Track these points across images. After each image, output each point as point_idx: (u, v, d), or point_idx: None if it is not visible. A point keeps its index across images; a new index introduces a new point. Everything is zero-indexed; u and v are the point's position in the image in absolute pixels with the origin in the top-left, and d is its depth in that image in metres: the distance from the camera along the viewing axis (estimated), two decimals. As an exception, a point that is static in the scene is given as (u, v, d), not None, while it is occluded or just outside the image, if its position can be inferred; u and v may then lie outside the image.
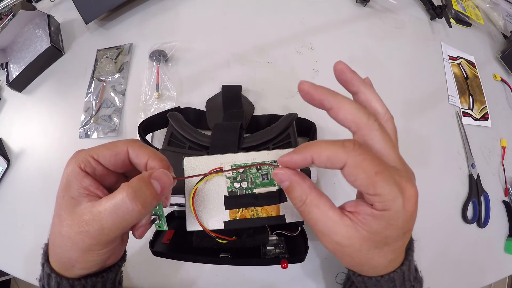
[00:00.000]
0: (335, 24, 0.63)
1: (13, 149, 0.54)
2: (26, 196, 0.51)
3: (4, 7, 0.61)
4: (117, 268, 0.27)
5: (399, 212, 0.21)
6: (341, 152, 0.21)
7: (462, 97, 0.62)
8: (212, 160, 0.29)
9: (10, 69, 0.59)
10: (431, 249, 0.48)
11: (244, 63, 0.58)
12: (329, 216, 0.22)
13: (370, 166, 0.20)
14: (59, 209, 0.23)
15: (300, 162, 0.22)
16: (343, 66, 0.25)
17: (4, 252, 0.47)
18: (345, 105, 0.23)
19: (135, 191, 0.21)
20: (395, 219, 0.21)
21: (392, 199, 0.21)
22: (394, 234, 0.22)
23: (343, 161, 0.21)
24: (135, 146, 0.24)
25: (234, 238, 0.33)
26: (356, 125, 0.23)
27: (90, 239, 0.21)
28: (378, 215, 0.21)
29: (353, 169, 0.21)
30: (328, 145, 0.21)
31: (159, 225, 0.27)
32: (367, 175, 0.20)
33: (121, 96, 0.56)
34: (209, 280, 0.44)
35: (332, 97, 0.23)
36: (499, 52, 0.68)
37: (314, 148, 0.22)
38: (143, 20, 0.63)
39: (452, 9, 0.70)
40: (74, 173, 0.23)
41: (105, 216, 0.21)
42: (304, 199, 0.23)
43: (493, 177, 0.56)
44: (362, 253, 0.22)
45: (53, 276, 0.24)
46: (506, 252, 0.51)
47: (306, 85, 0.23)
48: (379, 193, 0.20)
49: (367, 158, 0.21)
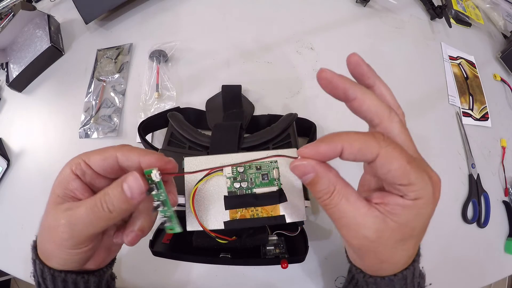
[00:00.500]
0: (335, 24, 0.63)
1: (13, 149, 0.54)
2: (26, 196, 0.51)
3: (4, 7, 0.61)
4: (101, 273, 0.28)
5: (430, 199, 0.21)
6: (373, 142, 0.20)
7: (462, 97, 0.62)
8: (212, 160, 0.29)
9: (10, 69, 0.59)
10: (431, 249, 0.48)
11: (244, 63, 0.58)
12: (357, 207, 0.21)
13: (402, 156, 0.20)
14: (47, 204, 0.24)
15: (328, 153, 0.20)
16: (358, 58, 0.24)
17: (4, 252, 0.47)
18: (369, 96, 0.22)
19: (105, 195, 0.22)
20: (425, 207, 0.21)
21: (424, 187, 0.20)
22: (421, 223, 0.22)
23: (376, 152, 0.20)
24: (124, 150, 0.24)
25: (234, 238, 0.33)
26: (379, 118, 0.22)
27: (63, 234, 0.22)
28: (410, 205, 0.21)
29: (386, 160, 0.20)
30: (358, 135, 0.20)
31: (171, 228, 0.25)
32: (400, 165, 0.20)
33: (121, 96, 0.56)
34: (209, 280, 0.44)
35: (356, 87, 0.22)
36: (499, 52, 0.68)
37: (344, 137, 0.20)
38: (143, 20, 0.63)
39: (452, 9, 0.70)
40: (65, 175, 0.24)
41: (77, 216, 0.22)
42: (331, 190, 0.21)
43: (493, 177, 0.56)
44: (387, 247, 0.22)
45: (37, 262, 0.25)
46: (506, 252, 0.51)
47: (328, 73, 0.22)
48: (412, 182, 0.20)
49: (397, 148, 0.20)
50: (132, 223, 0.25)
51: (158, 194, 0.23)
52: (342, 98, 0.23)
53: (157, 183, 0.23)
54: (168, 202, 0.24)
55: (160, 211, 0.24)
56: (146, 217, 0.25)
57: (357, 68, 0.24)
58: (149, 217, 0.26)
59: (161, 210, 0.24)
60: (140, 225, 0.25)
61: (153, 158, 0.23)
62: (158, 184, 0.23)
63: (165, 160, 0.24)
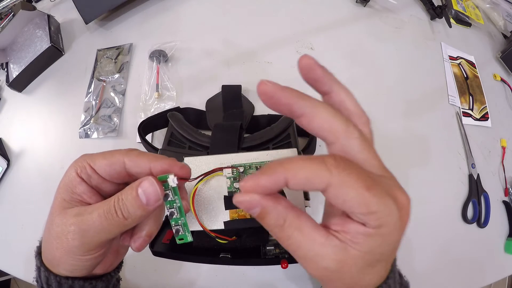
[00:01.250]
0: (335, 24, 0.63)
1: (13, 149, 0.54)
2: (26, 196, 0.51)
3: (4, 7, 0.61)
4: (108, 278, 0.27)
5: (395, 225, 0.19)
6: (322, 170, 0.17)
7: (462, 97, 0.62)
8: (212, 160, 0.29)
9: (10, 69, 0.59)
10: (431, 249, 0.48)
11: (244, 63, 0.58)
12: (313, 238, 0.19)
13: (358, 182, 0.17)
14: (52, 207, 0.23)
15: (270, 186, 0.18)
16: (310, 61, 0.20)
17: (4, 252, 0.47)
18: (320, 111, 0.19)
19: (119, 200, 0.21)
20: (392, 234, 0.19)
21: (388, 213, 0.18)
22: (389, 249, 0.20)
23: (326, 182, 0.17)
24: (132, 155, 0.22)
25: (234, 238, 0.33)
26: (333, 135, 0.19)
27: (73, 241, 0.21)
28: (373, 233, 0.18)
29: (339, 190, 0.17)
30: (305, 162, 0.18)
31: (181, 237, 0.23)
32: (357, 193, 0.17)
33: (121, 96, 0.56)
34: (209, 280, 0.44)
35: (303, 101, 0.19)
36: (499, 52, 0.68)
37: (287, 167, 0.18)
38: (143, 20, 0.63)
39: (452, 9, 0.70)
40: (70, 178, 0.23)
41: (89, 223, 0.21)
42: (281, 224, 0.19)
43: (493, 177, 0.56)
44: (352, 274, 0.20)
45: (42, 269, 0.24)
46: (506, 252, 0.51)
47: (268, 86, 0.19)
48: (374, 210, 0.17)
49: (353, 173, 0.17)
50: (140, 228, 0.24)
51: (172, 201, 0.22)
52: (288, 115, 0.20)
53: (172, 189, 0.22)
54: (182, 209, 0.23)
55: (173, 219, 0.23)
56: (153, 222, 0.24)
57: (309, 73, 0.21)
58: (157, 221, 0.25)
59: (174, 218, 0.23)
60: (148, 231, 0.24)
61: (166, 164, 0.22)
62: (173, 190, 0.22)
63: (179, 166, 0.23)
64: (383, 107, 0.57)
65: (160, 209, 0.25)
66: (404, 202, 0.19)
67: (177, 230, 0.23)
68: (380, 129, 0.54)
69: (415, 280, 0.46)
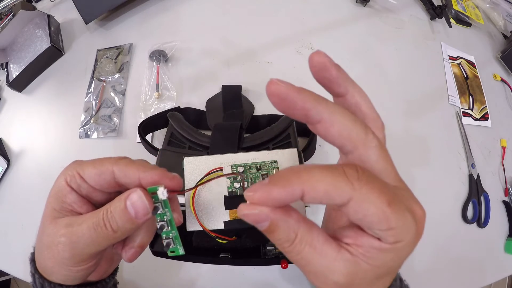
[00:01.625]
0: (335, 24, 0.63)
1: (13, 149, 0.54)
2: (26, 196, 0.51)
3: (4, 7, 0.61)
4: (103, 284, 0.26)
5: (411, 240, 0.18)
6: (344, 184, 0.16)
7: (462, 97, 0.62)
8: (212, 160, 0.29)
9: (10, 69, 0.59)
10: (431, 249, 0.48)
11: (244, 63, 0.58)
12: (325, 253, 0.18)
13: (380, 197, 0.16)
14: (43, 216, 0.23)
15: (284, 199, 0.16)
16: (324, 58, 0.18)
17: (4, 252, 0.47)
18: (339, 117, 0.17)
19: (107, 213, 0.20)
20: (406, 248, 0.18)
21: (407, 230, 0.17)
22: (401, 262, 0.19)
23: (348, 196, 0.16)
24: (121, 164, 0.21)
25: (234, 238, 0.33)
26: (352, 144, 0.17)
27: (63, 252, 0.21)
28: (388, 248, 0.17)
29: (361, 205, 0.16)
30: (324, 174, 0.16)
31: (173, 250, 0.22)
32: (378, 209, 0.16)
33: (121, 96, 0.56)
34: (209, 280, 0.44)
35: (322, 106, 0.17)
36: (499, 52, 0.68)
37: (305, 178, 0.16)
38: (143, 20, 0.63)
39: (452, 9, 0.70)
40: (60, 187, 0.22)
41: (78, 234, 0.21)
42: (292, 238, 0.18)
43: (493, 177, 0.56)
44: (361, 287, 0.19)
45: (36, 276, 0.24)
46: (506, 252, 0.51)
47: (281, 87, 0.17)
48: (393, 226, 0.16)
49: (375, 187, 0.16)
50: (132, 239, 0.24)
51: (162, 214, 0.21)
52: (303, 120, 0.18)
53: (162, 202, 0.21)
54: (173, 222, 0.21)
55: (163, 233, 0.22)
56: (145, 232, 0.24)
57: (323, 72, 0.18)
58: (149, 232, 0.24)
59: (165, 231, 0.21)
60: (140, 241, 0.23)
61: (156, 175, 0.21)
62: (163, 203, 0.21)
63: (169, 177, 0.21)
64: (383, 107, 0.57)
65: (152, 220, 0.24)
66: (421, 214, 0.19)
67: (167, 243, 0.22)
68: (380, 129, 0.54)
69: (415, 280, 0.46)
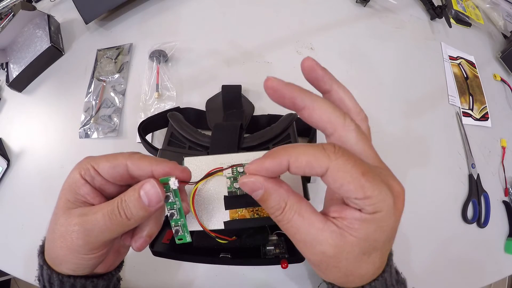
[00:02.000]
0: (335, 24, 0.63)
1: (13, 149, 0.54)
2: (26, 196, 0.51)
3: (4, 7, 0.61)
4: (109, 277, 0.27)
5: (390, 211, 0.20)
6: (322, 155, 0.19)
7: (462, 97, 0.62)
8: (212, 160, 0.29)
9: (10, 69, 0.59)
10: (431, 249, 0.48)
11: (244, 63, 0.58)
12: (312, 222, 0.20)
13: (355, 168, 0.19)
14: (56, 208, 0.24)
15: (274, 168, 0.20)
16: (312, 62, 0.22)
17: (4, 252, 0.47)
18: (320, 104, 0.21)
19: (122, 201, 0.22)
20: (386, 220, 0.20)
21: (383, 199, 0.19)
22: (384, 236, 0.21)
23: (326, 166, 0.19)
24: (134, 158, 0.23)
25: (234, 238, 0.33)
26: (332, 126, 0.21)
27: (77, 240, 0.22)
28: (369, 219, 0.19)
29: (337, 173, 0.19)
30: (306, 148, 0.19)
31: (181, 237, 0.24)
32: (354, 178, 0.19)
33: (121, 96, 0.56)
34: (209, 280, 0.44)
35: (305, 95, 0.21)
36: (499, 52, 0.68)
37: (290, 151, 0.20)
38: (143, 20, 0.63)
39: (452, 9, 0.70)
40: (75, 179, 0.23)
41: (93, 222, 0.22)
42: (283, 207, 0.21)
43: (493, 177, 0.56)
44: (349, 261, 0.21)
45: (45, 268, 0.25)
46: (506, 252, 0.51)
47: (274, 82, 0.21)
48: (369, 195, 0.19)
49: (350, 159, 0.19)
50: (141, 229, 0.25)
51: (172, 203, 0.23)
52: (292, 108, 0.22)
53: (173, 191, 0.23)
54: (182, 211, 0.24)
55: (173, 220, 0.24)
56: (154, 222, 0.25)
57: (311, 73, 0.23)
58: (157, 222, 0.25)
59: (174, 219, 0.24)
60: (149, 231, 0.25)
61: (167, 167, 0.23)
62: (174, 192, 0.23)
63: (180, 169, 0.23)
64: (383, 107, 0.57)
65: (161, 211, 0.25)
66: (399, 190, 0.21)
67: (176, 230, 0.24)
68: (380, 129, 0.54)
69: (415, 280, 0.46)
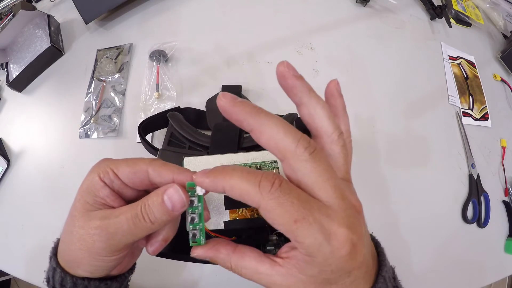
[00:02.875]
0: (335, 24, 0.63)
1: (13, 149, 0.54)
2: (26, 196, 0.51)
3: (4, 7, 0.61)
4: (123, 279, 0.27)
5: (328, 259, 0.19)
6: (255, 192, 0.18)
7: (462, 97, 0.62)
8: (212, 160, 0.29)
9: (10, 69, 0.59)
10: (431, 249, 0.48)
11: (244, 63, 0.58)
12: (260, 272, 0.21)
13: (288, 213, 0.18)
14: (74, 209, 0.23)
15: (210, 188, 0.20)
16: (283, 69, 0.21)
17: (4, 252, 0.47)
18: (267, 128, 0.19)
19: (145, 206, 0.22)
20: (326, 265, 0.19)
21: (316, 247, 0.18)
22: (334, 276, 0.20)
23: (257, 203, 0.18)
24: (156, 165, 0.23)
25: (234, 238, 0.33)
26: (281, 154, 0.19)
27: (99, 243, 0.22)
28: (309, 261, 0.19)
29: (268, 214, 0.18)
30: (243, 179, 0.19)
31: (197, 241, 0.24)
32: (284, 222, 0.18)
33: (121, 96, 0.56)
34: (209, 280, 0.44)
35: (251, 117, 0.19)
36: (499, 52, 0.68)
37: (228, 178, 0.19)
38: (143, 20, 0.63)
39: (452, 9, 0.70)
40: (93, 182, 0.23)
41: (116, 226, 0.22)
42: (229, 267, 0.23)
43: (493, 177, 0.56)
44: None
45: (58, 270, 0.24)
46: (506, 252, 0.51)
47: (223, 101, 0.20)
48: (300, 241, 0.18)
49: (285, 202, 0.18)
50: (157, 232, 0.25)
51: (195, 208, 0.23)
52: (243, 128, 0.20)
53: (198, 197, 0.23)
54: (203, 216, 0.24)
55: (193, 224, 0.24)
56: (170, 227, 0.25)
57: (281, 81, 0.21)
58: (174, 226, 0.25)
59: (195, 223, 0.24)
60: (165, 235, 0.25)
61: (189, 177, 0.23)
62: (199, 198, 0.23)
63: None
64: (383, 107, 0.57)
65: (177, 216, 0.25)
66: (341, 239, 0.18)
67: (194, 234, 0.24)
68: (380, 129, 0.54)
69: (414, 280, 0.46)
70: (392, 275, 0.25)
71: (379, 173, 0.51)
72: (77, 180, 0.24)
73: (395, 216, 0.49)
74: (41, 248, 0.45)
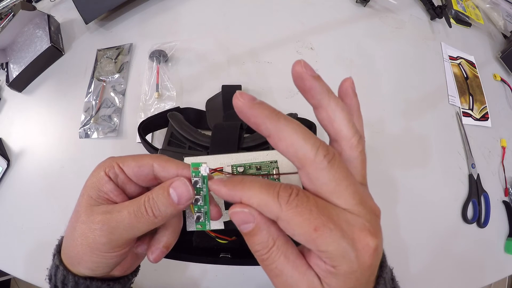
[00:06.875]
0: (335, 24, 0.63)
1: (13, 149, 0.54)
2: (26, 196, 0.51)
3: (4, 7, 0.61)
4: (126, 281, 0.27)
5: (353, 267, 0.18)
6: (273, 203, 0.17)
7: (462, 97, 0.62)
8: (212, 160, 0.29)
9: (10, 69, 0.59)
10: (431, 249, 0.48)
11: (244, 63, 0.58)
12: (296, 266, 0.19)
13: (307, 221, 0.17)
14: (78, 205, 0.23)
15: (226, 198, 0.20)
16: (301, 69, 0.19)
17: (4, 252, 0.47)
18: (286, 134, 0.18)
19: (149, 199, 0.22)
20: (351, 273, 0.18)
21: (340, 255, 0.17)
22: (358, 283, 0.19)
23: (276, 215, 0.18)
24: (161, 160, 0.23)
25: (234, 238, 0.33)
26: (299, 162, 0.18)
27: (100, 238, 0.22)
28: (333, 272, 0.18)
29: (287, 225, 0.17)
30: (261, 190, 0.18)
31: (201, 223, 0.24)
32: (304, 232, 0.17)
33: (121, 96, 0.56)
34: (209, 280, 0.44)
35: (270, 122, 0.18)
36: (499, 52, 0.68)
37: (246, 190, 0.19)
38: (143, 20, 0.63)
39: (452, 9, 0.70)
40: (98, 176, 0.23)
41: (118, 220, 0.22)
42: (270, 245, 0.19)
43: (493, 177, 0.56)
44: None
45: (60, 268, 0.24)
46: (506, 252, 0.51)
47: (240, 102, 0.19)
48: (323, 250, 0.17)
49: (303, 211, 0.17)
50: (158, 239, 0.25)
51: (199, 189, 0.23)
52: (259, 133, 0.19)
53: (202, 177, 0.23)
54: (207, 198, 0.23)
55: (197, 206, 0.23)
56: (172, 232, 0.25)
57: (298, 82, 0.20)
58: (175, 232, 0.25)
59: (198, 205, 0.23)
60: (166, 242, 0.25)
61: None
62: (203, 178, 0.23)
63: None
64: (383, 107, 0.57)
65: (179, 221, 0.25)
66: (365, 245, 0.18)
67: (198, 216, 0.23)
68: (380, 129, 0.54)
69: (415, 280, 0.46)
70: (390, 276, 0.25)
71: (379, 173, 0.51)
72: (77, 180, 0.24)
73: (395, 216, 0.49)
74: (41, 248, 0.45)
